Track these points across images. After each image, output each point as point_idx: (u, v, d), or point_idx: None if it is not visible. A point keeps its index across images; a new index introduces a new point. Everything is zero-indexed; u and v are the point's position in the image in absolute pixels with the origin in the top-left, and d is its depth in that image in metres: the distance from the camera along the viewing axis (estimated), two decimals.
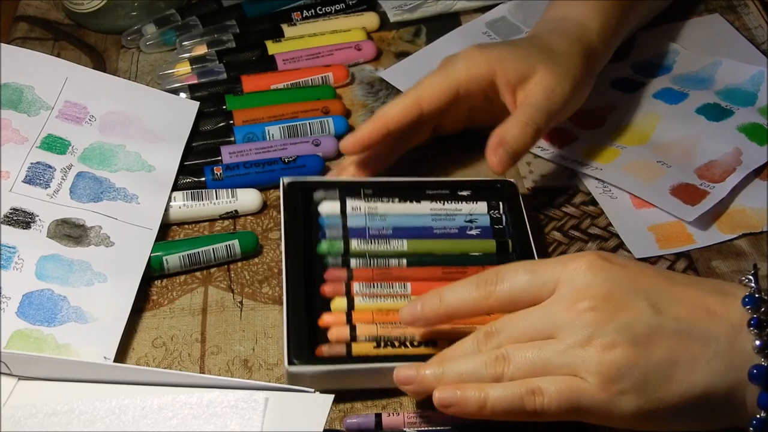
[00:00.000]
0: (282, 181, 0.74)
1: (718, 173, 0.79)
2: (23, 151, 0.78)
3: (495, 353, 0.58)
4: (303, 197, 0.74)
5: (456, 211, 0.73)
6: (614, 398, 0.55)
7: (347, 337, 0.65)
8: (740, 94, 0.86)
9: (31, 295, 0.70)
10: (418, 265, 0.70)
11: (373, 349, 0.64)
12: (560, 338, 0.57)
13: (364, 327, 0.65)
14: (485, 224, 0.73)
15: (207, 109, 0.86)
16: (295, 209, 0.73)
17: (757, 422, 0.56)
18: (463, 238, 0.72)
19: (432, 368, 0.60)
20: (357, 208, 0.73)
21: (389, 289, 0.68)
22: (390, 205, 0.73)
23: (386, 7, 0.96)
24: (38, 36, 0.95)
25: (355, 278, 0.69)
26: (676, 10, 0.95)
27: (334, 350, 0.65)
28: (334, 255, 0.70)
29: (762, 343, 0.55)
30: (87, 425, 0.60)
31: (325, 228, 0.72)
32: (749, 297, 0.57)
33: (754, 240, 0.76)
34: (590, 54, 0.79)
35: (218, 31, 0.93)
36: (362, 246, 0.71)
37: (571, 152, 0.83)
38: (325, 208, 0.73)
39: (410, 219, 0.72)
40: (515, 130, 0.73)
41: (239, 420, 0.60)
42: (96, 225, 0.75)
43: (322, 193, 0.74)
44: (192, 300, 0.73)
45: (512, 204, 0.74)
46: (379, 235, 0.71)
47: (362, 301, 0.67)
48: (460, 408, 0.58)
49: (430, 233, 0.72)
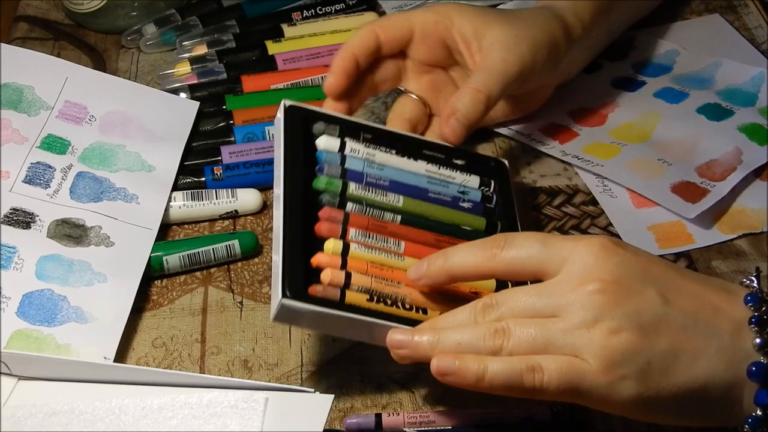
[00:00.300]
0: (283, 103, 0.71)
1: (718, 172, 0.79)
2: (23, 151, 0.78)
3: (495, 326, 0.57)
4: (303, 126, 0.70)
5: (450, 179, 0.72)
6: (615, 382, 0.55)
7: (341, 282, 0.62)
8: (740, 95, 0.86)
9: (31, 295, 0.70)
10: (411, 225, 0.68)
11: (366, 302, 0.62)
12: (565, 317, 0.56)
13: (359, 277, 0.63)
14: (476, 199, 0.72)
15: (207, 109, 0.86)
16: (294, 135, 0.69)
17: (753, 420, 0.56)
18: (456, 209, 0.70)
19: (427, 335, 0.59)
20: (356, 151, 0.70)
21: (384, 244, 0.66)
22: (388, 156, 0.71)
23: (386, 7, 0.96)
24: (38, 36, 0.95)
25: (351, 224, 0.66)
26: (676, 10, 0.95)
27: (328, 293, 0.62)
28: (331, 194, 0.67)
29: (762, 341, 0.55)
30: (87, 425, 0.60)
31: (323, 163, 0.69)
32: (751, 295, 0.57)
33: (754, 240, 0.76)
34: (558, 23, 0.79)
35: (218, 31, 0.93)
36: (359, 192, 0.68)
37: (571, 148, 0.83)
38: (323, 142, 0.70)
39: (407, 175, 0.70)
40: (466, 98, 0.72)
41: (239, 420, 0.60)
42: (96, 225, 0.75)
43: (322, 126, 0.71)
44: (192, 300, 0.73)
45: (503, 185, 0.73)
46: (376, 184, 0.69)
47: (357, 249, 0.65)
48: (457, 378, 0.57)
49: (425, 195, 0.70)
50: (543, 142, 0.83)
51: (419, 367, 0.68)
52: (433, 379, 0.68)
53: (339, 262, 0.64)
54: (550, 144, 0.83)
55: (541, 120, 0.86)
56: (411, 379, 0.68)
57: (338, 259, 0.64)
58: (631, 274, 0.56)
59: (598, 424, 0.65)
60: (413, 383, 0.68)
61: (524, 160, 0.83)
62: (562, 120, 0.86)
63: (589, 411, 0.65)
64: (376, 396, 0.67)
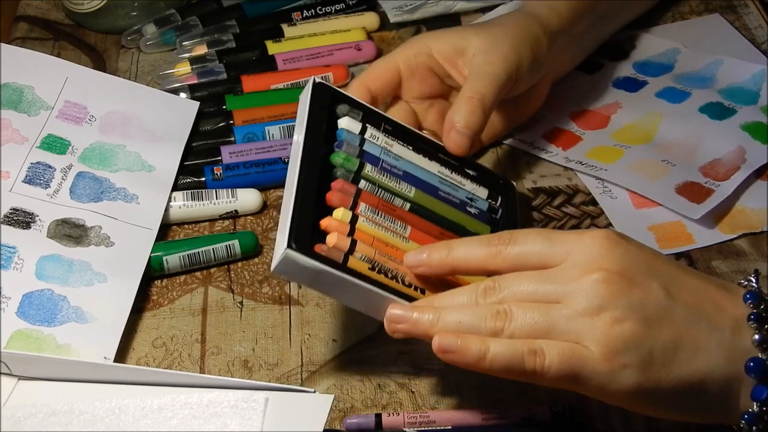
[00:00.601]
0: (313, 78, 0.71)
1: (722, 171, 0.79)
2: (23, 151, 0.78)
3: (497, 307, 0.57)
4: (329, 104, 0.71)
5: (460, 185, 0.73)
6: (615, 371, 0.55)
7: (346, 247, 0.63)
8: (742, 93, 0.86)
9: (31, 295, 0.70)
10: (419, 215, 0.69)
11: (368, 270, 0.62)
12: (568, 304, 0.56)
13: (363, 246, 0.63)
14: (483, 208, 0.72)
15: (207, 109, 0.86)
16: (319, 110, 0.70)
17: (749, 416, 0.56)
18: (463, 212, 0.71)
19: (428, 313, 0.59)
20: (375, 138, 0.71)
21: (391, 224, 0.66)
22: (404, 149, 0.72)
23: (386, 8, 0.96)
24: (38, 36, 0.95)
25: (362, 199, 0.67)
26: (676, 10, 0.95)
27: (332, 253, 0.62)
28: (347, 169, 0.68)
29: (761, 337, 0.56)
30: (87, 425, 0.60)
31: (343, 141, 0.69)
32: (751, 293, 0.57)
33: (754, 240, 0.76)
34: (533, 18, 0.80)
35: (218, 31, 0.93)
36: (374, 174, 0.69)
37: (575, 154, 0.83)
38: (345, 122, 0.71)
39: (420, 171, 0.71)
40: (462, 108, 0.73)
41: (239, 420, 0.60)
42: (96, 225, 0.75)
43: (346, 108, 0.71)
44: (192, 300, 0.73)
45: (509, 203, 0.74)
46: (391, 171, 0.70)
47: (364, 222, 0.65)
48: (459, 357, 0.57)
49: (436, 193, 0.71)
50: (546, 150, 0.83)
51: (419, 366, 0.68)
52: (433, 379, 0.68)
53: (347, 229, 0.64)
54: (553, 151, 0.83)
55: (543, 125, 0.86)
56: (411, 379, 0.68)
57: (347, 226, 0.64)
58: (635, 266, 0.57)
59: (598, 424, 0.65)
60: (413, 383, 0.68)
61: (524, 161, 0.83)
62: (564, 124, 0.86)
63: (589, 411, 0.65)
64: (376, 396, 0.67)
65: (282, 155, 0.81)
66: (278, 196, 0.81)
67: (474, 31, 0.78)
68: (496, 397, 0.66)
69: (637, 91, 0.88)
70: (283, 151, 0.81)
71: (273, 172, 0.80)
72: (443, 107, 0.80)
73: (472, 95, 0.73)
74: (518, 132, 0.85)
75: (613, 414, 0.65)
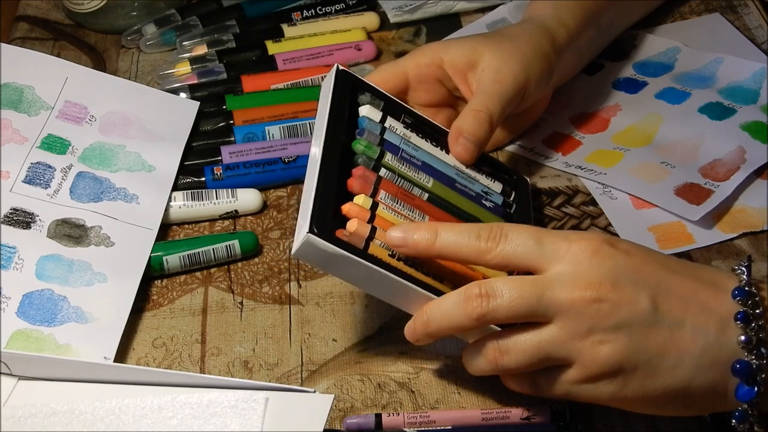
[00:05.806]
0: (336, 65, 0.72)
1: (722, 172, 0.79)
2: (23, 151, 0.78)
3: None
4: (351, 91, 0.71)
5: (476, 178, 0.73)
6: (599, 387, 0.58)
7: (366, 234, 0.63)
8: (742, 92, 0.86)
9: (31, 295, 0.70)
10: (436, 205, 0.69)
11: (388, 257, 0.63)
12: (560, 326, 0.57)
13: (383, 233, 0.63)
14: (498, 202, 0.73)
15: (207, 109, 0.86)
16: (342, 98, 0.70)
17: (739, 414, 0.57)
18: (479, 205, 0.72)
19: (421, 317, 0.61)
20: (395, 128, 0.71)
21: (410, 213, 0.67)
22: (423, 142, 0.73)
23: (386, 8, 0.96)
24: (38, 36, 0.95)
25: (383, 187, 0.67)
26: (676, 10, 0.95)
27: (353, 239, 0.62)
28: (368, 157, 0.68)
29: (747, 338, 0.56)
30: (87, 425, 0.60)
31: (364, 129, 0.70)
32: (739, 289, 0.58)
33: (754, 240, 0.76)
34: (544, 34, 0.79)
35: (218, 31, 0.93)
36: (394, 163, 0.69)
37: (574, 159, 0.83)
38: (366, 110, 0.71)
39: (438, 162, 0.72)
40: (469, 119, 0.73)
41: (239, 420, 0.60)
42: (96, 225, 0.75)
43: (368, 97, 0.72)
44: (192, 300, 0.73)
45: (522, 199, 0.75)
46: (410, 161, 0.70)
47: (384, 210, 0.66)
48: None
49: (452, 185, 0.71)
50: (546, 155, 0.83)
51: (419, 366, 0.68)
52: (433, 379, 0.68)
53: (368, 215, 0.64)
54: (553, 156, 0.83)
55: (543, 130, 0.86)
56: (411, 379, 0.68)
57: (367, 212, 0.65)
58: (624, 278, 0.57)
59: (598, 424, 0.65)
60: (413, 383, 0.68)
61: (524, 161, 0.83)
62: (564, 128, 0.85)
63: (589, 411, 0.65)
64: (376, 396, 0.67)
65: (282, 155, 0.81)
66: (278, 196, 0.81)
67: (486, 45, 0.77)
68: (496, 398, 0.66)
69: (637, 93, 0.88)
70: (283, 151, 0.81)
71: (273, 172, 0.80)
72: (450, 115, 0.80)
73: (481, 109, 0.74)
74: (518, 137, 0.85)
75: (613, 414, 0.65)
